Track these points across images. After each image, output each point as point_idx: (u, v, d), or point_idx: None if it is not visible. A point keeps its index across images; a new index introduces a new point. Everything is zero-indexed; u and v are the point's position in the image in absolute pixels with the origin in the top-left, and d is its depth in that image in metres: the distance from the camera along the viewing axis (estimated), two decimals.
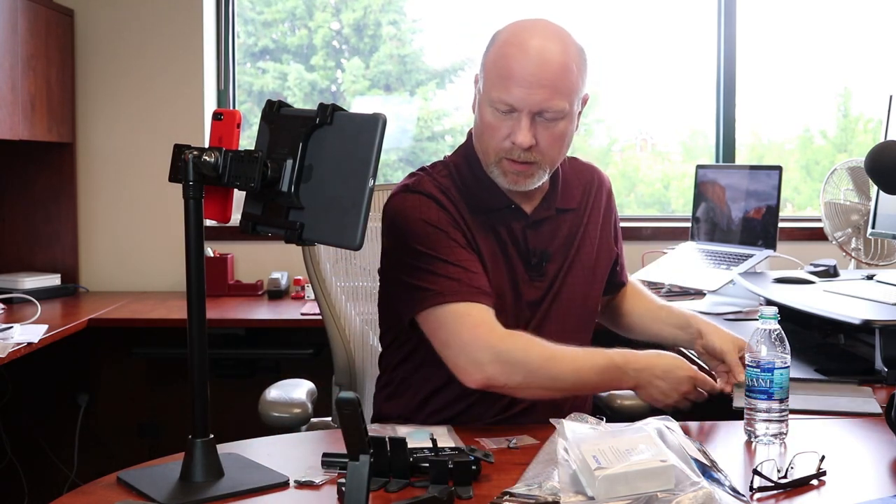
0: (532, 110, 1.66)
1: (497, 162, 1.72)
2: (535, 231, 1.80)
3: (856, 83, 4.04)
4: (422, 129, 4.05)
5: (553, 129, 1.69)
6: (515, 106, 1.66)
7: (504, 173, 1.72)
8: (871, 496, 1.32)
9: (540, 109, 1.66)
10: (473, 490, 1.32)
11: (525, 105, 1.65)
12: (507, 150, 1.69)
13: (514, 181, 1.72)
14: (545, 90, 1.65)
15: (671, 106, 4.06)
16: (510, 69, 1.66)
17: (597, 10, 3.98)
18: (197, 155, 1.36)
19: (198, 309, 1.38)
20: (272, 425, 1.99)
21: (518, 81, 1.65)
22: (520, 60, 1.65)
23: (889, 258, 3.13)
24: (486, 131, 1.71)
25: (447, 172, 1.80)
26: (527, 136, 1.66)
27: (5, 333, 2.65)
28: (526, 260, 1.79)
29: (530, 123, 1.66)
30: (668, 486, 1.24)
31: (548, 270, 1.80)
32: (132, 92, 3.70)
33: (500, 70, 1.67)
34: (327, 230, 1.38)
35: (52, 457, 3.61)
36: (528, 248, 1.79)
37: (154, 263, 3.70)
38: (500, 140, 1.69)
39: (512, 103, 1.66)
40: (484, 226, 1.76)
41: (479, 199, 1.77)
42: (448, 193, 1.76)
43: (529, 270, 1.79)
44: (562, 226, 1.84)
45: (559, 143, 1.72)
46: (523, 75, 1.65)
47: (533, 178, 1.72)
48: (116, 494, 1.35)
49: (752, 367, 1.56)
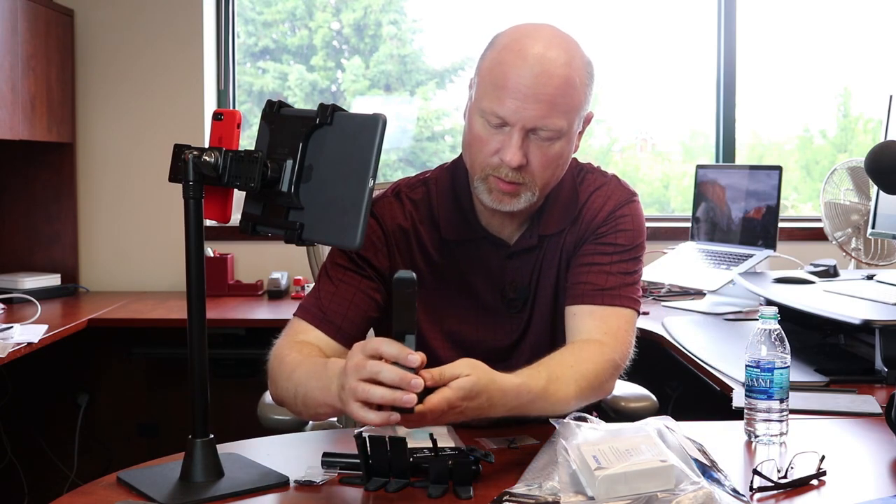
0: (525, 126, 1.50)
1: (483, 178, 1.56)
2: (514, 263, 1.66)
3: (856, 83, 4.04)
4: (422, 129, 4.05)
5: (547, 150, 1.53)
6: (507, 120, 1.51)
7: (489, 190, 1.56)
8: (871, 496, 1.32)
9: (534, 126, 1.51)
10: (473, 490, 1.32)
11: (518, 120, 1.50)
12: (494, 167, 1.54)
13: (498, 200, 1.56)
14: (542, 106, 1.50)
15: (671, 106, 4.06)
16: (505, 78, 1.50)
17: (597, 10, 3.98)
18: (197, 155, 1.36)
19: (198, 309, 1.38)
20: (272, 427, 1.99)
21: (513, 93, 1.49)
22: (517, 69, 1.50)
23: (889, 258, 3.13)
24: (474, 143, 1.56)
25: (424, 190, 1.69)
26: (516, 154, 1.51)
27: (5, 333, 2.65)
28: (501, 295, 1.66)
29: (521, 141, 1.51)
30: (668, 486, 1.24)
31: (526, 305, 1.67)
32: (132, 92, 3.71)
33: (494, 78, 1.52)
34: (327, 230, 1.38)
35: (52, 457, 3.61)
36: (504, 282, 1.65)
37: (154, 263, 3.70)
38: (487, 155, 1.54)
39: (504, 116, 1.50)
40: (453, 253, 1.65)
41: (451, 226, 1.65)
42: (409, 214, 1.66)
43: (505, 306, 1.66)
44: (548, 253, 1.67)
45: (552, 166, 1.56)
46: (519, 87, 1.49)
47: (519, 199, 1.56)
48: (116, 494, 1.34)
49: (752, 367, 1.56)
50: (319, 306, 1.61)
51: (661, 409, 2.12)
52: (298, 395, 1.49)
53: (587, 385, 1.52)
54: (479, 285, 1.67)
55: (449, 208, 1.67)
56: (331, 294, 1.61)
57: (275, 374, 1.57)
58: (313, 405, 1.47)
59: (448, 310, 1.67)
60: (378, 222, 1.65)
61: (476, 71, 1.60)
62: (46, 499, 1.71)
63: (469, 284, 1.67)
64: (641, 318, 2.90)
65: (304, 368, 1.50)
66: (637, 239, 1.68)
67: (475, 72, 1.60)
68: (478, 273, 1.65)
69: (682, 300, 3.22)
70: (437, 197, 1.68)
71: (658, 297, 3.30)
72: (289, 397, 1.53)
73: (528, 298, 1.68)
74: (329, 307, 1.60)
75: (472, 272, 1.65)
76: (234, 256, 3.64)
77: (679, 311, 3.03)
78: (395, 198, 1.69)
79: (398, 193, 1.70)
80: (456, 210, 1.66)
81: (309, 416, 1.56)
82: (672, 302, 3.19)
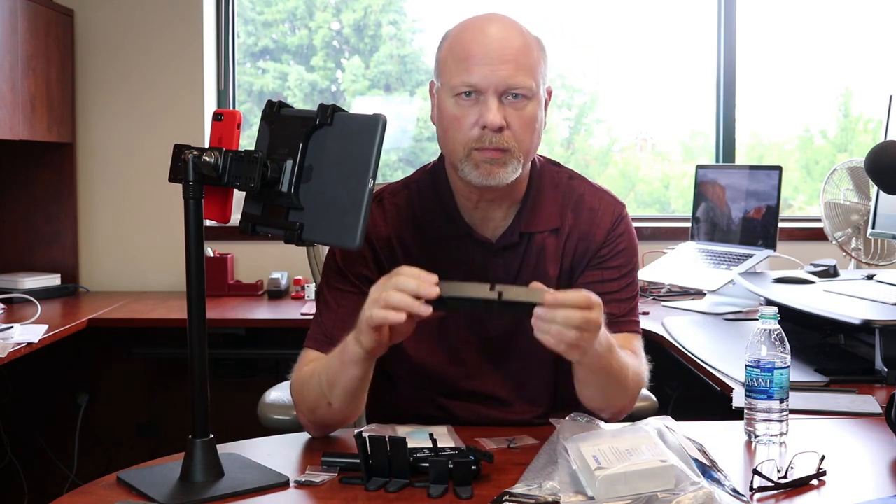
0: (498, 89, 1.54)
1: (467, 155, 1.57)
2: (498, 261, 1.67)
3: (856, 83, 4.04)
4: (422, 129, 4.05)
5: (522, 112, 1.56)
6: (479, 86, 1.54)
7: (476, 165, 1.57)
8: (871, 496, 1.32)
9: (506, 87, 1.55)
10: (473, 490, 1.32)
11: (490, 83, 1.54)
12: (476, 139, 1.56)
13: (487, 172, 1.56)
14: (509, 66, 1.54)
15: (671, 106, 4.06)
16: (469, 50, 1.56)
17: (597, 10, 3.98)
18: (197, 155, 1.36)
19: (198, 309, 1.38)
20: (272, 427, 1.99)
21: (479, 59, 1.55)
22: (478, 40, 1.56)
23: (889, 258, 3.13)
24: (451, 125, 1.58)
25: (407, 193, 1.71)
26: (497, 115, 1.54)
27: (5, 333, 2.65)
28: None
29: (498, 104, 1.55)
30: (668, 486, 1.24)
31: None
32: (132, 92, 3.71)
33: (457, 55, 1.57)
34: (327, 230, 1.38)
35: (52, 457, 3.61)
36: (486, 279, 1.63)
37: (154, 263, 3.70)
38: (467, 129, 1.56)
39: (475, 84, 1.54)
40: (437, 255, 1.65)
41: (434, 226, 1.67)
42: (391, 220, 1.67)
43: None
44: (530, 252, 1.68)
45: (531, 128, 1.58)
46: (485, 52, 1.55)
47: (506, 167, 1.57)
48: (116, 494, 1.35)
49: (752, 367, 1.56)
50: (324, 333, 1.63)
51: (661, 409, 2.13)
52: (322, 382, 1.52)
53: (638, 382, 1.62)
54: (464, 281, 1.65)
55: (432, 207, 1.68)
56: (333, 319, 1.63)
57: (298, 390, 1.60)
58: (336, 376, 1.50)
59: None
60: None
61: (435, 66, 1.64)
62: (46, 499, 1.72)
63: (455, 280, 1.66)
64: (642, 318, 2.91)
65: (320, 363, 1.57)
66: (634, 255, 1.73)
67: (434, 69, 1.65)
68: (461, 270, 1.65)
69: (682, 300, 3.22)
70: (419, 198, 1.70)
71: (658, 297, 3.30)
72: (315, 393, 1.54)
73: None
74: (334, 332, 1.60)
75: (456, 269, 1.64)
76: (234, 256, 3.64)
77: (679, 311, 3.03)
78: (376, 203, 1.70)
79: (381, 200, 1.71)
80: (439, 208, 1.68)
81: (339, 400, 1.52)
82: (672, 302, 3.19)
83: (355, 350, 1.46)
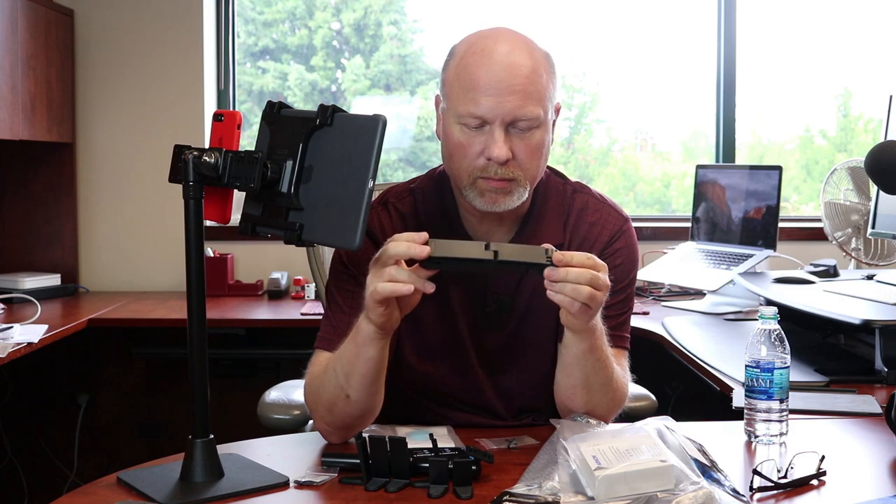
0: (505, 120, 1.52)
1: (472, 183, 1.56)
2: (500, 273, 1.62)
3: (856, 83, 4.04)
4: (422, 129, 4.05)
5: (529, 141, 1.54)
6: (486, 118, 1.52)
7: (481, 193, 1.56)
8: (871, 496, 1.32)
9: (513, 118, 1.52)
10: (473, 490, 1.32)
11: (496, 115, 1.51)
12: (481, 169, 1.54)
13: (492, 201, 1.56)
14: (516, 97, 1.51)
15: (671, 106, 4.06)
16: (475, 79, 1.52)
17: (597, 10, 3.98)
18: (197, 155, 1.36)
19: (198, 309, 1.38)
20: (272, 427, 1.99)
21: (486, 90, 1.51)
22: (485, 68, 1.52)
23: (889, 258, 3.13)
24: (456, 152, 1.56)
25: (412, 200, 1.69)
26: (503, 148, 1.51)
27: (5, 333, 2.65)
28: (482, 307, 1.65)
29: (505, 135, 1.52)
30: (668, 486, 1.24)
31: (509, 320, 1.66)
32: (132, 92, 3.71)
33: (464, 82, 1.54)
34: (327, 231, 1.38)
35: (52, 457, 3.61)
36: (485, 295, 1.64)
37: (154, 263, 3.70)
38: (472, 158, 1.54)
39: (482, 115, 1.52)
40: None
41: (439, 235, 1.60)
42: (396, 225, 1.66)
43: (486, 319, 1.65)
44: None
45: (537, 155, 1.57)
46: (491, 83, 1.51)
47: (512, 196, 1.56)
48: (116, 494, 1.35)
49: (752, 368, 1.56)
50: (336, 333, 1.61)
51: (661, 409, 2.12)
52: (339, 374, 1.51)
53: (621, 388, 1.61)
54: (463, 293, 1.65)
55: (435, 218, 1.67)
56: (345, 320, 1.60)
57: (313, 390, 1.58)
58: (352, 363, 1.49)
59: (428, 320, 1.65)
60: (368, 233, 1.64)
61: (441, 84, 1.61)
62: (46, 499, 1.72)
63: (452, 294, 1.65)
64: (642, 318, 2.92)
65: (333, 357, 1.55)
66: (632, 271, 1.71)
67: (440, 86, 1.62)
68: (463, 281, 1.64)
69: (682, 300, 3.22)
70: (424, 207, 1.69)
71: (658, 297, 3.30)
72: (332, 387, 1.53)
73: (510, 306, 1.66)
74: (346, 332, 1.57)
75: (457, 280, 1.64)
76: (234, 256, 3.64)
77: (679, 311, 3.03)
78: (382, 207, 1.69)
79: (385, 203, 1.70)
80: (443, 220, 1.67)
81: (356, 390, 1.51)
82: (672, 302, 3.19)
83: (367, 329, 1.45)
